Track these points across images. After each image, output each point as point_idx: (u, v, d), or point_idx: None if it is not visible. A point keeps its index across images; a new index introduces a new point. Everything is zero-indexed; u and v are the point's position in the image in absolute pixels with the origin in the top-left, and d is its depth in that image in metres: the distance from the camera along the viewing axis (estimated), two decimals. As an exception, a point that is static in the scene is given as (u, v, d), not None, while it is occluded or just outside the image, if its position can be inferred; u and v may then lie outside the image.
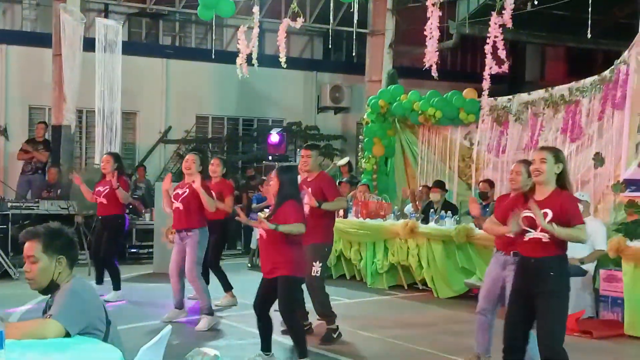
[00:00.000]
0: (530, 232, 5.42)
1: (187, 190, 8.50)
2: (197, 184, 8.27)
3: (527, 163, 6.67)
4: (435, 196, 11.62)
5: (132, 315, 8.63)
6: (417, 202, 12.36)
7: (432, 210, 11.46)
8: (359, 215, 11.82)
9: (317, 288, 7.89)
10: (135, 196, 14.99)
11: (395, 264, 11.33)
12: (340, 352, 7.53)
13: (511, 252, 6.43)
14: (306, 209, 7.27)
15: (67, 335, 3.77)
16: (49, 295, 4.07)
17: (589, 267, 9.23)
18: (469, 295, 10.49)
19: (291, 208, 6.63)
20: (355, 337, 8.20)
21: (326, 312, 7.97)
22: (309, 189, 7.72)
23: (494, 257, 6.80)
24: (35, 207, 13.01)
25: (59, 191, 14.09)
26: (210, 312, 8.48)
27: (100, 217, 10.18)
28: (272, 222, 6.56)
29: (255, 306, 6.87)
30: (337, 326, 7.95)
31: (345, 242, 11.87)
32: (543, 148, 5.71)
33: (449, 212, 11.14)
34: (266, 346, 6.89)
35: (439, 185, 11.86)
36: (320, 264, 7.80)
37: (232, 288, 10.00)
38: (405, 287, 11.33)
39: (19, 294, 9.73)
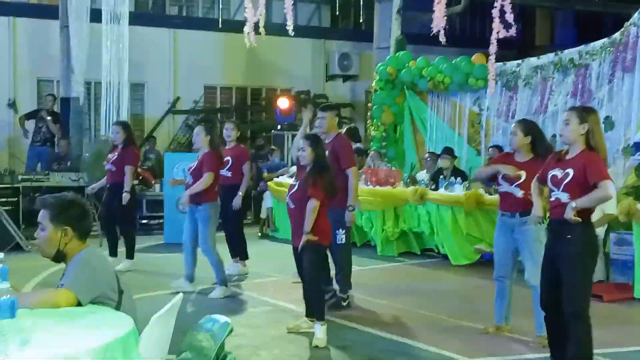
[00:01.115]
0: (554, 191, 5.44)
1: (197, 163, 8.52)
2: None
3: (524, 123, 6.71)
4: (444, 163, 11.60)
5: (144, 284, 8.68)
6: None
7: (441, 176, 11.45)
8: (369, 182, 11.82)
9: (343, 256, 7.92)
10: (145, 167, 15.03)
11: (407, 231, 11.33)
12: (350, 318, 7.57)
13: (517, 212, 6.41)
14: None
15: (79, 304, 3.80)
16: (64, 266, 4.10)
17: (600, 231, 9.19)
18: (480, 261, 10.51)
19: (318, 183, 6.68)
20: (366, 304, 8.23)
21: (344, 279, 8.01)
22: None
23: (500, 222, 6.74)
24: (45, 180, 13.03)
25: (68, 163, 14.11)
26: (225, 283, 8.52)
27: (109, 185, 10.18)
28: (300, 191, 6.69)
29: (299, 273, 7.00)
30: (349, 296, 7.99)
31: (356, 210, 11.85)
32: (571, 108, 5.67)
33: (459, 178, 11.13)
34: (309, 312, 6.96)
35: (448, 152, 11.83)
36: (344, 231, 7.80)
37: (247, 258, 10.02)
38: (419, 253, 11.35)
39: (32, 266, 9.79)
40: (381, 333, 7.04)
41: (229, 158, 9.59)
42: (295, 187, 6.82)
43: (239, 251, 10.03)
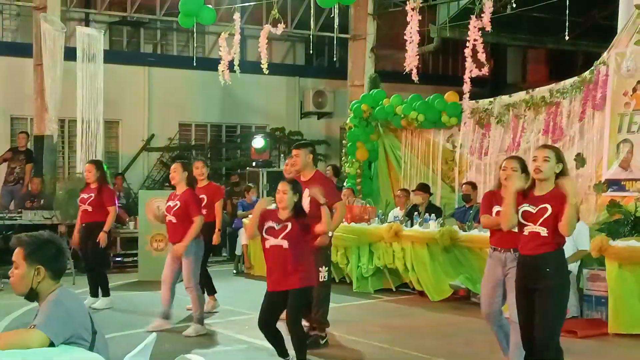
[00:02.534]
0: (528, 225, 5.53)
1: (179, 202, 8.44)
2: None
3: (518, 159, 6.71)
4: (417, 199, 11.66)
5: (118, 323, 8.60)
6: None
7: (416, 213, 11.49)
8: (344, 219, 11.81)
9: (322, 294, 7.85)
10: (120, 204, 14.93)
11: (381, 267, 11.34)
12: (326, 356, 7.54)
13: (511, 249, 6.31)
14: (305, 204, 7.20)
15: (52, 345, 3.76)
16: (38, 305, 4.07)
17: (573, 267, 9.26)
18: (454, 298, 10.53)
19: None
20: (342, 341, 8.21)
21: (322, 319, 7.95)
22: (306, 191, 7.51)
23: (491, 258, 6.68)
24: (18, 218, 12.96)
25: (42, 201, 14.03)
26: (201, 322, 8.44)
27: (83, 225, 10.10)
28: (288, 233, 6.63)
29: (260, 324, 6.76)
30: (326, 334, 7.94)
31: (332, 247, 11.84)
32: (546, 146, 5.82)
33: (433, 214, 11.18)
34: (282, 352, 6.84)
35: (423, 188, 11.89)
36: (327, 269, 7.80)
37: (215, 292, 9.98)
38: (393, 289, 11.33)
39: (4, 305, 9.70)
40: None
41: (203, 196, 9.59)
42: (289, 227, 6.64)
43: (207, 288, 9.96)
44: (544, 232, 5.46)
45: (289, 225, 6.63)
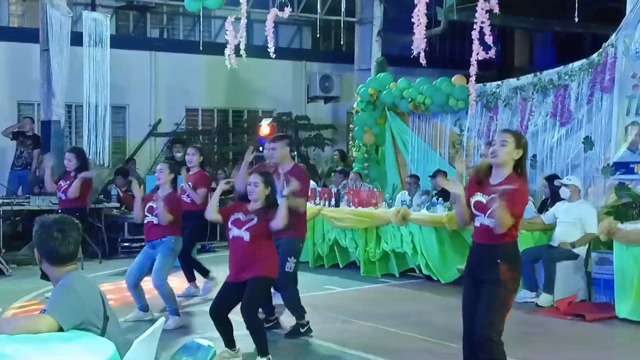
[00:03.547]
0: (479, 216, 5.28)
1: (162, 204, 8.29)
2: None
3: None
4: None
5: (126, 309, 8.62)
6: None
7: (424, 197, 11.54)
8: (351, 204, 11.84)
9: (289, 284, 7.75)
10: (130, 193, 14.91)
11: (389, 252, 11.35)
12: (333, 340, 7.56)
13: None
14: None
15: (61, 330, 3.76)
16: None
17: (581, 250, 9.28)
18: (462, 282, 10.51)
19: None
20: (349, 325, 8.23)
21: (296, 307, 7.84)
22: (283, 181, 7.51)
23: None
24: (26, 203, 12.99)
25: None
26: (177, 313, 8.34)
27: (59, 211, 9.99)
28: (251, 226, 6.61)
29: (213, 312, 6.75)
30: (308, 322, 7.83)
31: (340, 231, 11.88)
32: (505, 131, 5.51)
33: (440, 198, 11.18)
34: (230, 342, 6.83)
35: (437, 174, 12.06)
36: (295, 260, 7.71)
37: (194, 279, 9.98)
38: (397, 275, 11.34)
39: (13, 290, 9.75)
40: (366, 355, 7.03)
41: (190, 183, 9.59)
42: (254, 220, 6.63)
43: (200, 271, 9.98)
44: (492, 224, 5.15)
45: (254, 218, 6.62)
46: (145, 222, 8.43)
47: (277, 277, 7.11)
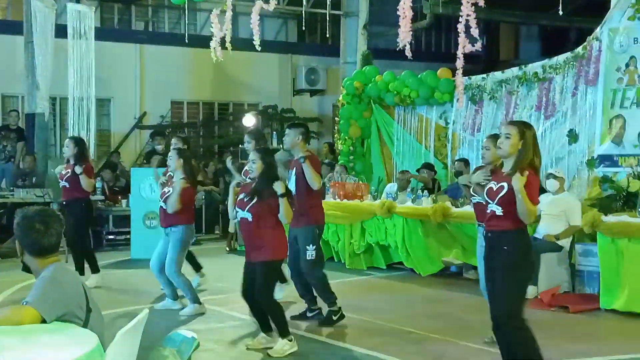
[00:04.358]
0: (490, 203, 5.44)
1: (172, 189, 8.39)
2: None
3: (496, 137, 6.74)
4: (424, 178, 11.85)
5: (111, 301, 8.61)
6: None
7: (410, 190, 11.60)
8: (337, 196, 11.84)
9: (312, 272, 7.83)
10: (116, 189, 14.88)
11: (373, 245, 11.36)
12: (319, 332, 7.57)
13: (478, 223, 6.63)
14: (292, 181, 7.51)
15: (44, 322, 3.74)
16: None
17: (565, 242, 9.32)
18: (446, 273, 10.57)
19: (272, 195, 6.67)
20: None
21: (326, 294, 7.92)
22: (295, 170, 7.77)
23: (479, 234, 6.80)
24: (10, 196, 12.94)
25: (34, 179, 14.00)
26: (197, 301, 8.42)
27: (63, 202, 10.05)
28: (252, 206, 6.63)
29: (244, 294, 6.87)
30: (340, 308, 7.90)
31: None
32: (510, 123, 5.66)
33: (426, 191, 11.20)
34: (266, 327, 6.93)
35: (427, 167, 12.10)
36: (314, 247, 7.76)
37: (201, 267, 9.98)
38: (384, 267, 11.37)
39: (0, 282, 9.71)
40: (350, 346, 7.04)
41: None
42: (255, 200, 6.69)
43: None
44: (499, 211, 5.35)
45: (254, 198, 6.66)
46: (160, 207, 8.48)
47: (302, 266, 7.58)
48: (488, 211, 5.48)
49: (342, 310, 7.92)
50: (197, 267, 9.95)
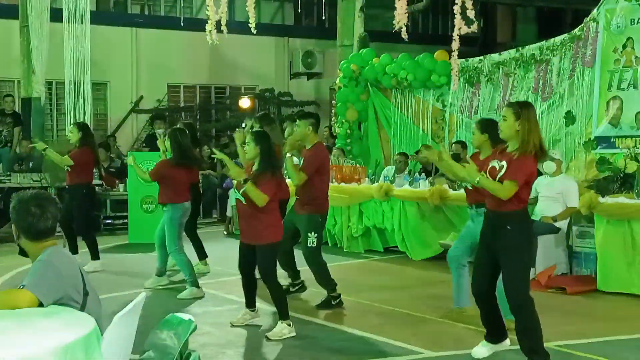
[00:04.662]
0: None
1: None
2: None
3: (480, 122, 6.90)
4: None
5: (109, 285, 8.62)
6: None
7: (407, 173, 11.60)
8: (334, 180, 11.83)
9: (313, 259, 7.89)
10: (112, 169, 14.90)
11: (371, 227, 11.37)
12: (316, 315, 7.59)
13: (468, 204, 6.84)
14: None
15: (41, 305, 3.75)
16: None
17: (562, 224, 9.32)
18: (443, 256, 10.56)
19: (267, 178, 6.66)
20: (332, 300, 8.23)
21: (325, 281, 7.97)
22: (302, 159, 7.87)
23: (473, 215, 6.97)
24: (7, 181, 12.93)
25: (30, 164, 13.98)
26: (196, 285, 8.47)
27: (67, 186, 10.16)
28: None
29: (239, 267, 7.01)
30: (339, 295, 7.94)
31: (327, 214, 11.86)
32: (509, 104, 5.75)
33: (423, 174, 11.20)
34: (250, 302, 7.10)
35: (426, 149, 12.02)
36: (316, 235, 7.79)
37: (206, 256, 10.00)
38: (382, 250, 11.39)
39: (-4, 267, 9.71)
40: (347, 329, 7.06)
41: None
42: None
43: (197, 252, 10.00)
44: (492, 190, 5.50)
45: (248, 180, 6.65)
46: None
47: (303, 253, 7.72)
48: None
49: (341, 296, 7.95)
50: (202, 255, 9.98)
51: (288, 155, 7.79)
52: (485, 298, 5.76)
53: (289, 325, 6.75)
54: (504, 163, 5.48)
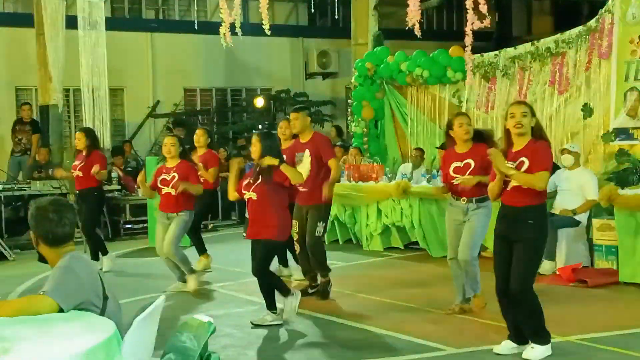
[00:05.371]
0: (511, 181, 5.75)
1: (176, 174, 8.63)
2: (180, 187, 8.49)
3: (525, 103, 6.87)
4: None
5: (129, 289, 8.66)
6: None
7: (425, 170, 11.58)
8: (352, 178, 11.84)
9: (318, 248, 8.17)
10: (129, 169, 15.02)
11: (389, 225, 11.36)
12: (337, 314, 7.58)
13: (473, 198, 6.97)
14: (306, 171, 7.83)
15: (61, 311, 3.76)
16: None
17: (582, 217, 9.28)
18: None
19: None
20: (352, 299, 8.25)
21: (322, 266, 8.25)
22: (307, 151, 8.03)
23: (452, 206, 7.20)
24: (27, 188, 13.02)
25: (50, 171, 14.06)
26: (193, 271, 8.79)
27: (77, 192, 10.25)
28: (257, 186, 6.91)
29: (253, 271, 7.12)
30: (330, 280, 8.24)
31: (340, 206, 11.89)
32: (521, 102, 6.07)
33: (440, 171, 11.14)
34: (271, 304, 7.18)
35: (445, 146, 11.98)
36: (324, 224, 8.12)
37: (205, 250, 10.24)
38: (402, 248, 11.38)
39: (17, 275, 9.78)
40: (369, 327, 7.05)
41: (200, 164, 9.83)
42: (259, 180, 6.94)
43: (198, 249, 10.29)
44: (527, 185, 5.69)
45: (259, 179, 6.95)
46: (163, 193, 8.73)
47: (308, 241, 7.98)
48: (509, 188, 5.77)
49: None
50: (202, 250, 10.26)
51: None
52: (509, 296, 5.83)
53: (275, 313, 7.05)
54: (524, 159, 5.68)
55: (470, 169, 6.91)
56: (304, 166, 7.89)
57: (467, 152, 7.06)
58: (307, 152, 8.03)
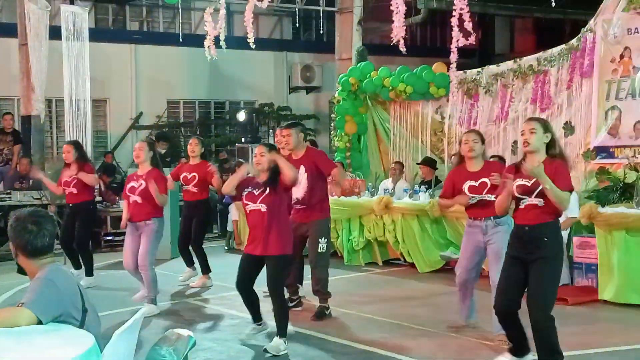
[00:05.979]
0: (524, 199, 5.62)
1: (143, 182, 8.36)
2: (152, 187, 8.22)
3: (477, 132, 7.04)
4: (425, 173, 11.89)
5: (109, 302, 8.60)
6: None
7: (407, 186, 11.60)
8: (333, 193, 11.83)
9: (321, 265, 8.02)
10: (114, 185, 14.94)
11: (372, 241, 11.36)
12: (317, 329, 7.55)
13: (491, 217, 6.60)
14: (302, 187, 7.76)
15: (40, 323, 3.74)
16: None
17: (563, 234, 9.29)
18: (445, 269, 10.55)
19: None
20: (333, 313, 8.21)
21: (323, 290, 8.06)
22: (302, 167, 7.83)
23: (470, 227, 6.85)
24: (7, 199, 12.93)
25: (30, 182, 13.98)
26: (155, 302, 8.38)
27: (70, 205, 10.10)
28: (265, 197, 6.72)
29: (239, 285, 6.91)
30: (329, 306, 8.05)
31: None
32: (532, 119, 5.91)
33: (423, 186, 11.19)
34: (256, 317, 7.07)
35: (426, 162, 12.06)
36: (326, 240, 7.96)
37: (210, 271, 10.01)
38: (380, 264, 11.39)
39: (-3, 286, 9.68)
40: (349, 342, 7.03)
41: (194, 174, 9.71)
42: (267, 191, 6.72)
43: (202, 266, 10.05)
44: (541, 202, 5.55)
45: (267, 189, 6.75)
46: (130, 201, 8.43)
47: (310, 258, 7.88)
48: (522, 206, 5.64)
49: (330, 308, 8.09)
50: (206, 270, 10.05)
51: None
52: (514, 315, 5.73)
53: (285, 342, 6.71)
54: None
55: (487, 188, 6.60)
56: (300, 184, 7.73)
57: (481, 171, 6.74)
58: (303, 168, 7.83)
